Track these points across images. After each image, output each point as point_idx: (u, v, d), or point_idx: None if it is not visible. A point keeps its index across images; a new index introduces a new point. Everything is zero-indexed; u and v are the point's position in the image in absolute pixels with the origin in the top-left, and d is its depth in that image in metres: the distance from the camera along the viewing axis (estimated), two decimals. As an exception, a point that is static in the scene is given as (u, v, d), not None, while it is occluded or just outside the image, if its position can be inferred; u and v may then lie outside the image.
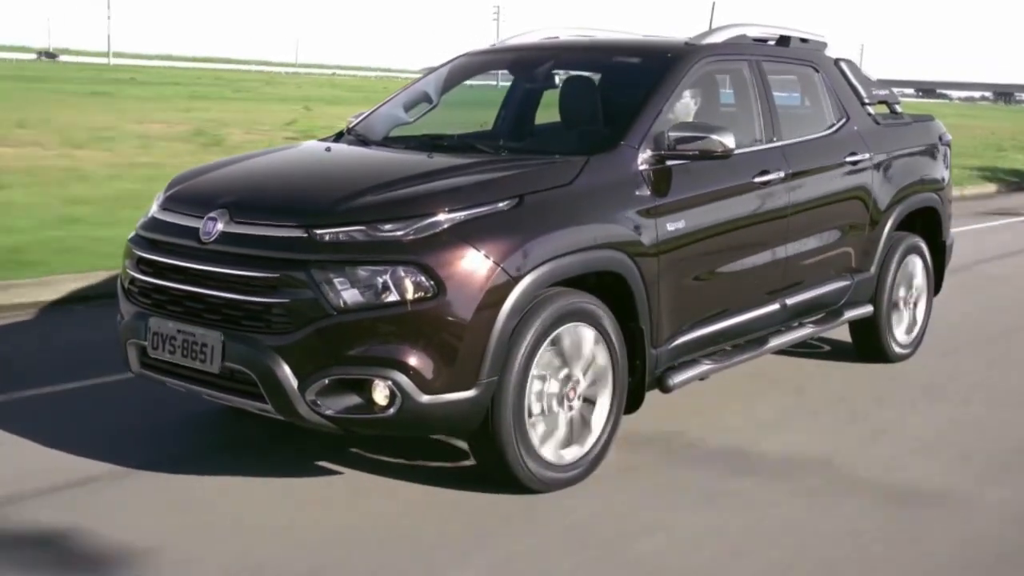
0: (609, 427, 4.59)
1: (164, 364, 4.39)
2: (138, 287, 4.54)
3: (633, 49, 5.84)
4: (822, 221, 5.89)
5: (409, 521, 4.11)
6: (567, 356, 4.38)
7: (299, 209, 4.19)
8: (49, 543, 3.82)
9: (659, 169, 4.80)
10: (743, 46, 5.75)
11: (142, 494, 4.30)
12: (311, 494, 4.36)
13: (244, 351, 4.06)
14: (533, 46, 6.15)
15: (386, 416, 4.01)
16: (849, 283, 6.18)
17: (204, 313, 4.22)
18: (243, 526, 4.02)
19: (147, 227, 4.62)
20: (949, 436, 5.31)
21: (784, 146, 5.64)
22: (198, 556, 3.75)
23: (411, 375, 3.96)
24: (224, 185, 4.64)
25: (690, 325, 5.00)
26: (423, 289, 3.97)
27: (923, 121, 7.13)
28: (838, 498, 4.45)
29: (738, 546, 3.97)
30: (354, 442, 4.86)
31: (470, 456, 4.61)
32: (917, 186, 6.70)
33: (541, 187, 4.38)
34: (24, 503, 4.17)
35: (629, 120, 4.89)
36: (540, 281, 4.19)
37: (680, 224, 4.83)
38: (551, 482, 4.37)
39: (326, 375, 3.99)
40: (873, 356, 6.66)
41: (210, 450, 4.87)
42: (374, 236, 4.04)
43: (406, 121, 5.88)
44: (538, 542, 3.96)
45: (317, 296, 3.95)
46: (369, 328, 3.96)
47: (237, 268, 4.12)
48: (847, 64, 6.57)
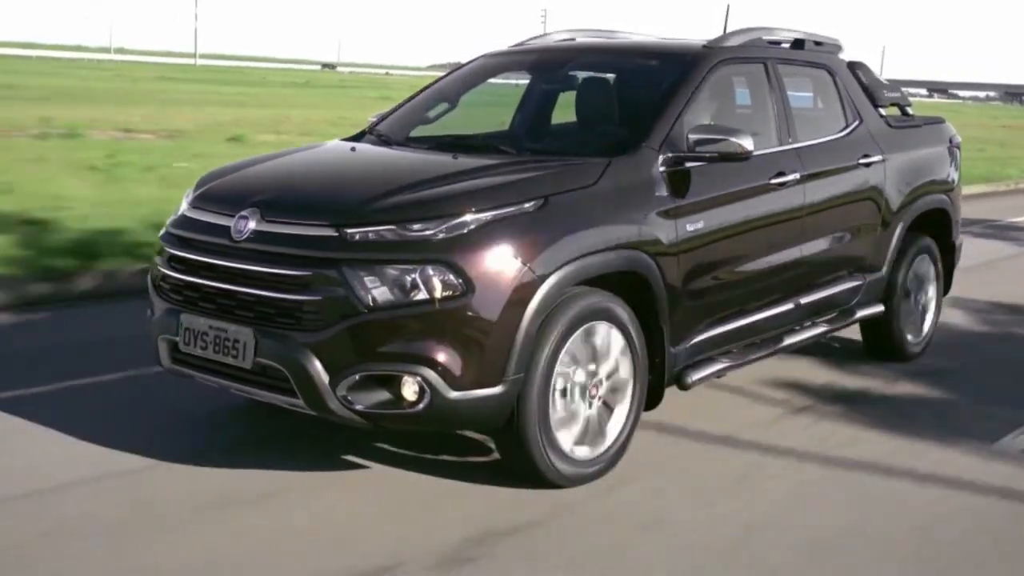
0: (630, 424, 4.69)
1: (195, 359, 4.48)
2: (169, 284, 4.62)
3: (652, 51, 5.92)
4: (835, 222, 5.98)
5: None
6: (590, 354, 4.47)
7: (330, 208, 4.28)
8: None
9: (678, 171, 4.89)
10: (759, 49, 5.84)
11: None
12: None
13: (276, 347, 4.15)
14: (553, 48, 6.24)
15: (415, 412, 4.10)
16: (861, 283, 6.27)
17: (236, 310, 4.31)
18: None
19: (178, 225, 4.71)
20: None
21: (799, 148, 5.73)
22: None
23: (440, 371, 4.06)
24: (254, 184, 4.73)
25: (708, 324, 5.09)
26: (452, 287, 4.06)
27: (933, 123, 7.23)
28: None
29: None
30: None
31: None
32: (928, 187, 6.79)
33: (565, 188, 4.47)
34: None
35: (649, 122, 4.98)
36: (565, 280, 4.29)
37: (699, 225, 4.92)
38: (574, 477, 4.47)
39: (357, 371, 4.08)
40: (883, 355, 6.75)
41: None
42: (404, 235, 4.13)
43: (427, 121, 5.97)
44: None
45: (348, 294, 4.04)
46: (399, 325, 4.05)
47: (269, 266, 4.21)
48: (860, 67, 6.66)
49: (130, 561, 3.72)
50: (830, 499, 4.52)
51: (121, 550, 3.81)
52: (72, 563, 3.70)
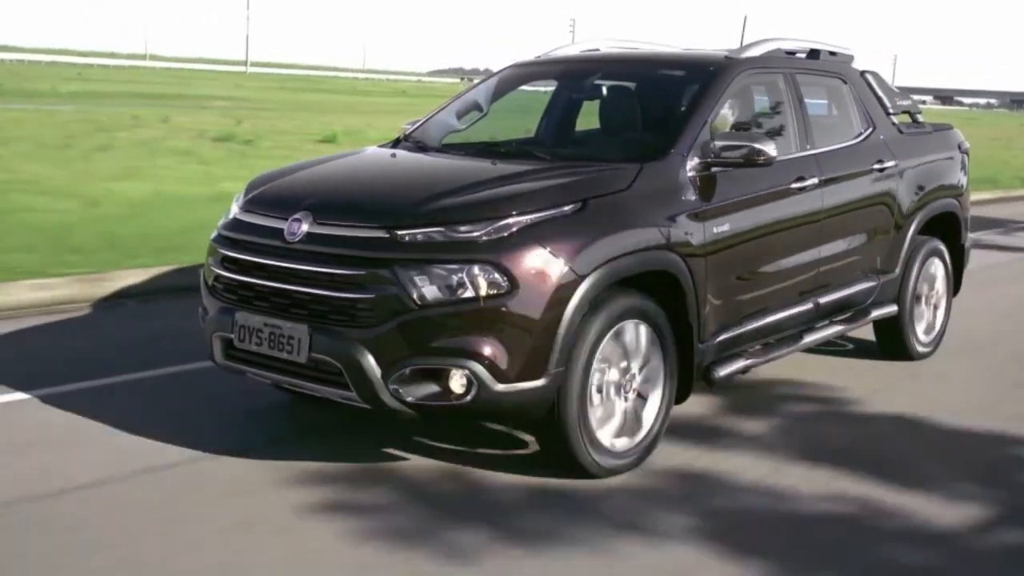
0: (662, 416, 4.92)
1: (249, 355, 4.70)
2: (223, 284, 4.85)
3: (677, 62, 6.17)
4: (851, 225, 6.22)
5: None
6: (625, 350, 4.71)
7: (382, 211, 4.52)
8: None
9: (705, 175, 5.12)
10: (778, 59, 6.09)
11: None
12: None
13: (331, 343, 4.38)
14: (581, 58, 6.48)
15: (463, 403, 4.33)
16: (875, 284, 6.51)
17: (290, 308, 4.53)
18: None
19: (231, 227, 4.94)
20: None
21: (817, 154, 5.97)
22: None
23: (486, 365, 4.29)
24: (305, 188, 4.96)
25: (733, 322, 5.32)
26: (498, 286, 4.29)
27: (943, 130, 7.47)
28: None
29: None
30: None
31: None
32: (938, 192, 7.04)
33: (602, 192, 4.71)
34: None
35: (677, 129, 5.22)
36: (603, 279, 4.52)
37: (725, 227, 5.15)
38: (610, 468, 4.69)
39: (408, 365, 4.31)
40: (896, 354, 6.98)
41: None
42: (451, 237, 4.36)
43: (458, 128, 6.22)
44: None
45: (400, 292, 4.27)
46: (448, 322, 4.28)
47: (323, 266, 4.44)
48: (872, 76, 6.91)
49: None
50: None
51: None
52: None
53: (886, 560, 4.04)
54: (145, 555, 3.85)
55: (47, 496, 4.32)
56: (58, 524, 4.08)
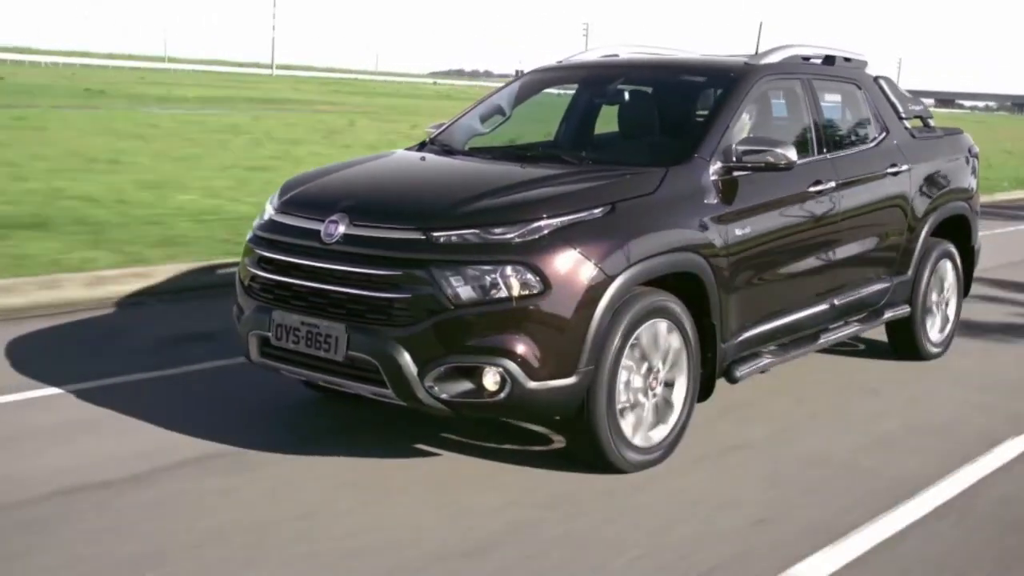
0: (685, 414, 5.05)
1: (286, 353, 4.83)
2: (259, 283, 4.98)
3: (698, 68, 6.30)
4: (866, 227, 6.35)
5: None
6: (650, 348, 4.84)
7: (417, 214, 4.65)
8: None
9: (727, 179, 5.26)
10: (795, 65, 6.22)
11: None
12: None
13: (368, 341, 4.51)
14: (602, 63, 6.61)
15: (496, 400, 4.46)
16: (888, 285, 6.65)
17: (327, 307, 4.66)
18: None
19: (266, 228, 5.06)
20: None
21: (833, 158, 6.11)
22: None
23: (519, 363, 4.42)
24: (339, 191, 5.09)
25: (753, 322, 5.45)
26: (531, 286, 4.42)
27: (953, 134, 7.62)
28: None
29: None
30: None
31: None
32: (949, 195, 7.18)
33: (630, 195, 4.84)
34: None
35: (700, 134, 5.36)
36: (631, 280, 4.66)
37: (747, 229, 5.29)
38: (636, 463, 4.83)
39: (443, 363, 4.44)
40: (908, 354, 7.12)
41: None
42: (486, 239, 4.49)
43: (482, 132, 6.35)
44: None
45: (436, 292, 4.41)
46: (483, 321, 4.41)
47: (360, 266, 4.57)
48: (885, 81, 7.05)
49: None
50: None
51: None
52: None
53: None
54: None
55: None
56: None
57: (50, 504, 4.28)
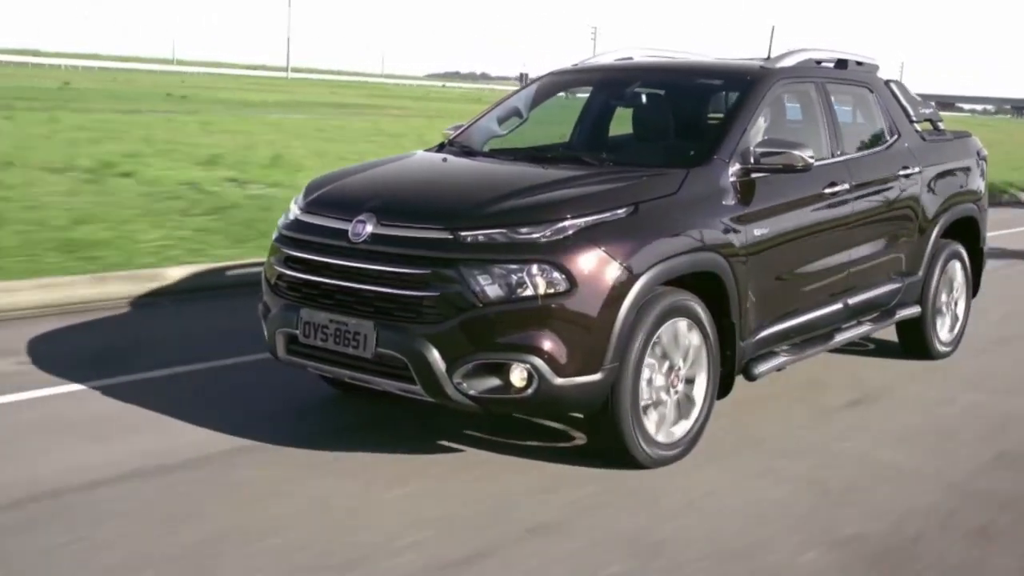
0: (705, 411, 5.14)
1: (314, 350, 4.91)
2: (286, 282, 5.06)
3: (715, 71, 6.40)
4: (879, 229, 6.44)
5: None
6: (672, 346, 4.92)
7: (445, 214, 4.73)
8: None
9: (746, 181, 5.34)
10: (810, 69, 6.31)
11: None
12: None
13: (397, 338, 4.59)
14: (619, 66, 6.70)
15: (523, 396, 4.55)
16: (900, 285, 6.73)
17: (356, 305, 4.74)
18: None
19: (293, 228, 5.14)
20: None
21: (847, 160, 6.20)
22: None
23: (546, 360, 4.50)
24: (365, 191, 5.17)
25: (771, 320, 5.54)
26: (557, 285, 4.51)
27: (962, 138, 7.71)
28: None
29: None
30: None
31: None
32: (959, 197, 7.27)
33: (652, 196, 4.93)
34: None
35: (720, 136, 5.44)
36: (654, 279, 4.74)
37: (765, 230, 5.37)
38: (658, 459, 4.91)
39: (471, 360, 4.52)
40: (918, 354, 7.20)
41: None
42: (513, 238, 4.58)
43: (499, 134, 6.43)
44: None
45: (464, 290, 4.49)
46: (511, 318, 4.49)
47: (389, 265, 4.65)
48: (896, 84, 7.15)
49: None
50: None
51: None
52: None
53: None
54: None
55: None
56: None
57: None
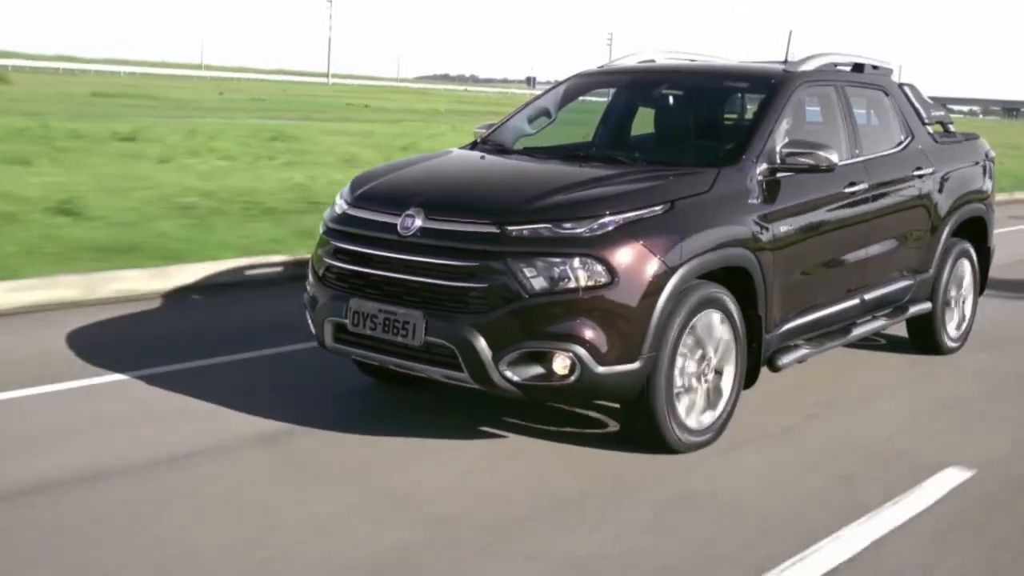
0: (733, 399, 5.38)
1: (362, 339, 5.13)
2: (335, 273, 5.29)
3: (739, 74, 6.64)
4: (894, 227, 6.69)
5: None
6: (704, 337, 5.16)
7: (492, 209, 4.96)
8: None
9: (772, 180, 5.58)
10: (829, 72, 6.56)
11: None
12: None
13: (446, 327, 4.82)
14: (646, 69, 6.93)
15: (566, 384, 4.78)
16: (912, 282, 6.98)
17: (404, 295, 4.97)
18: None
19: (342, 222, 5.37)
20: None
21: (865, 161, 6.45)
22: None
23: (589, 348, 4.73)
24: (412, 186, 5.41)
25: (794, 314, 5.78)
26: (599, 277, 4.74)
27: (972, 139, 7.96)
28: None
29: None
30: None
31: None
32: (968, 197, 7.52)
33: (687, 194, 5.17)
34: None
35: (748, 137, 5.68)
36: (690, 273, 4.98)
37: (789, 227, 5.62)
38: (690, 444, 5.15)
39: (517, 348, 4.75)
40: (927, 349, 7.45)
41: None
42: (557, 233, 4.81)
43: (529, 133, 6.66)
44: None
45: (511, 282, 4.72)
46: (555, 309, 4.73)
47: (438, 258, 4.88)
48: (909, 88, 7.40)
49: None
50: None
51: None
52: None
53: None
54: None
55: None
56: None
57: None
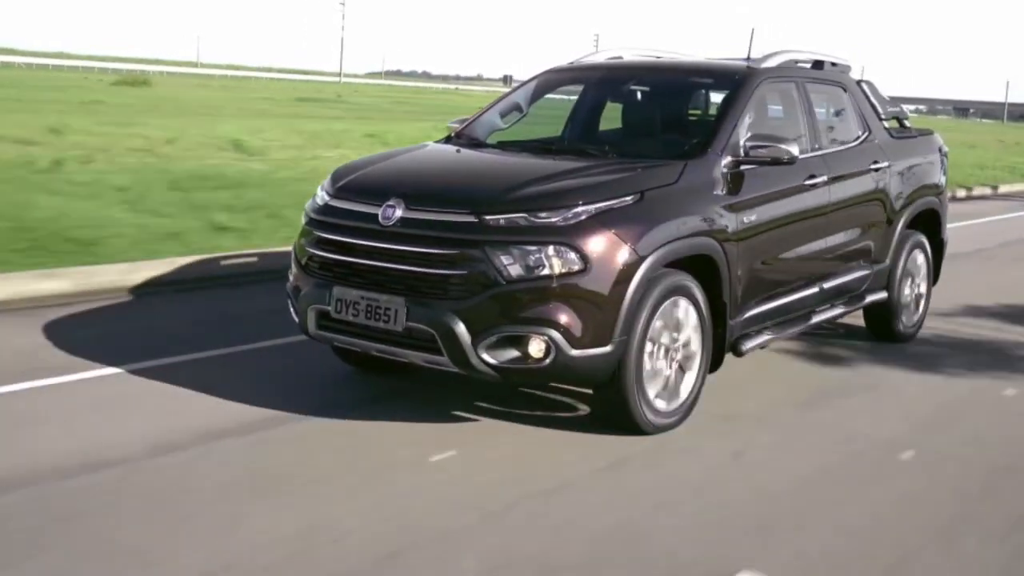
0: (699, 383, 5.62)
1: (345, 325, 5.32)
2: (318, 262, 5.47)
3: (704, 71, 6.89)
4: (851, 219, 6.96)
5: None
6: (672, 323, 5.40)
7: (470, 199, 5.16)
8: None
9: (736, 172, 5.83)
10: (791, 69, 6.82)
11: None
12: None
13: (427, 313, 5.02)
14: (615, 65, 7.16)
15: (542, 366, 5.00)
16: (869, 272, 7.26)
17: (387, 283, 5.16)
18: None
19: (324, 212, 5.55)
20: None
21: (825, 154, 6.71)
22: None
23: (563, 333, 4.95)
24: (392, 178, 5.61)
25: (757, 301, 6.03)
26: (573, 264, 4.96)
27: (926, 135, 8.27)
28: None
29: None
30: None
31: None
32: (922, 191, 7.82)
33: (655, 185, 5.40)
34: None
35: (713, 131, 5.93)
36: (658, 261, 5.21)
37: (753, 217, 5.86)
38: (659, 426, 5.38)
39: (495, 332, 4.96)
40: (883, 337, 7.74)
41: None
42: (533, 222, 5.03)
43: (501, 127, 6.88)
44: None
45: (489, 269, 4.93)
46: (531, 295, 4.94)
47: (419, 246, 5.08)
48: (867, 84, 7.68)
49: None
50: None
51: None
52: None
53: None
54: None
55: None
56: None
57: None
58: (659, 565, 3.97)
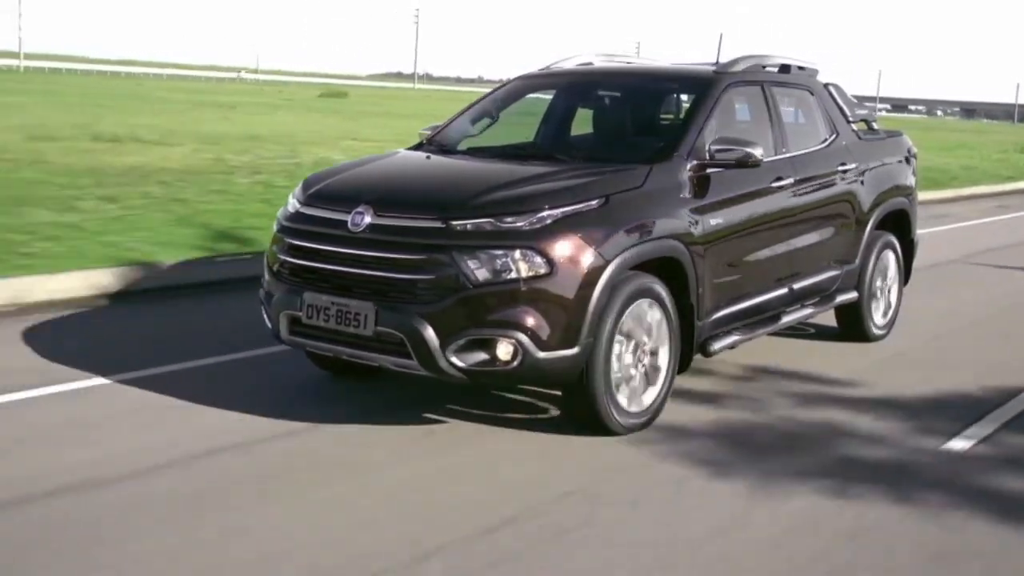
0: (667, 384, 5.69)
1: (316, 330, 5.38)
2: (288, 269, 5.54)
3: (673, 75, 6.98)
4: (820, 220, 7.05)
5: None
6: (639, 325, 5.47)
7: (437, 205, 5.24)
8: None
9: (702, 175, 5.91)
10: (757, 72, 6.91)
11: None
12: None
13: (395, 317, 5.09)
14: (584, 71, 7.25)
15: (510, 369, 5.07)
16: (839, 272, 7.35)
17: (355, 288, 5.23)
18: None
19: (295, 219, 5.62)
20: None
21: (792, 157, 6.80)
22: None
23: (530, 335, 5.03)
24: (361, 185, 5.68)
25: (725, 303, 6.11)
26: (539, 268, 5.04)
27: (895, 136, 8.38)
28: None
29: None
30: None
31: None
32: (892, 192, 7.92)
33: (621, 189, 5.48)
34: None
35: (679, 135, 6.02)
36: (625, 264, 5.29)
37: (719, 220, 5.95)
38: (627, 427, 5.45)
39: (463, 336, 5.03)
40: (854, 337, 7.83)
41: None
42: (499, 227, 5.10)
43: (472, 134, 6.95)
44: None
45: (456, 273, 5.00)
46: (499, 299, 5.01)
47: (387, 252, 5.15)
48: (834, 87, 7.78)
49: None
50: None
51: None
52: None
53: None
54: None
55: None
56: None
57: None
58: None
